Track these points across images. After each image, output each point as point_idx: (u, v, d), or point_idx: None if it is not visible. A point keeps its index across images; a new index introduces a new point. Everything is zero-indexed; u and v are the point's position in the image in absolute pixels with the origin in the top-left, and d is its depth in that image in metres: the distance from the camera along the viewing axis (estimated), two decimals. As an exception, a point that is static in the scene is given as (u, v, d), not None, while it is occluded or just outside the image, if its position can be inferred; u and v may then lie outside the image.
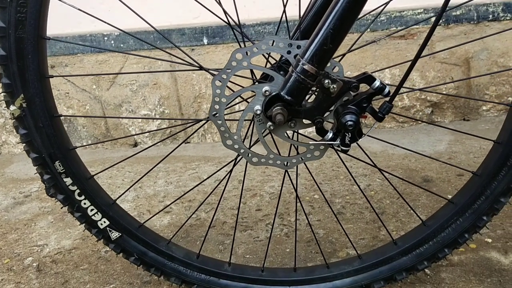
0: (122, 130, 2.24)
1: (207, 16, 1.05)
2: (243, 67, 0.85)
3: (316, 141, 0.89)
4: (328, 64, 0.81)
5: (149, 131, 2.01)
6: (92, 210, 1.00)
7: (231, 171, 1.06)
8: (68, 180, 0.97)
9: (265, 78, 0.92)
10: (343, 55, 0.99)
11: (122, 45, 2.09)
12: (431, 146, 1.96)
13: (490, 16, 2.00)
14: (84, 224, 1.02)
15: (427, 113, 2.17)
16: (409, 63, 0.83)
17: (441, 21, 2.01)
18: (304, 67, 0.78)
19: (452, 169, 1.71)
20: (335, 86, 0.81)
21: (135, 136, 2.25)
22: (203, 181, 1.15)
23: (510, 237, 1.27)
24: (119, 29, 1.03)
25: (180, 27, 2.09)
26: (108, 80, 2.16)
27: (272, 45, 0.83)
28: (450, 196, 1.04)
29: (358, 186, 1.07)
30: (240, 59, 0.85)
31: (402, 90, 0.87)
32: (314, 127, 0.86)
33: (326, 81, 0.80)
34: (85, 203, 0.99)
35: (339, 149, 0.86)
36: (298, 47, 0.82)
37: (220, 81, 0.87)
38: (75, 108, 2.20)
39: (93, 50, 2.10)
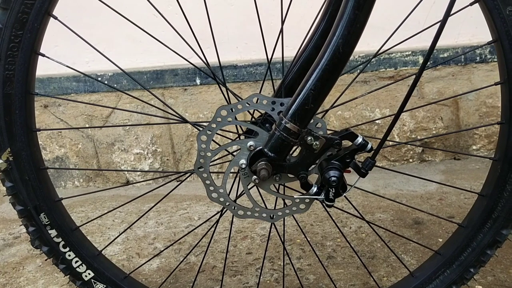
0: (114, 168, 2.24)
1: (200, 57, 1.06)
2: (228, 123, 0.87)
3: (301, 194, 0.90)
4: (311, 121, 0.82)
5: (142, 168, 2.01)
6: (76, 262, 0.99)
7: (217, 221, 1.05)
8: (53, 232, 0.97)
9: (251, 131, 0.93)
10: (326, 110, 1.01)
11: (115, 85, 2.11)
12: (422, 186, 1.97)
13: (478, 58, 2.04)
14: (68, 276, 1.01)
15: (418, 152, 2.18)
16: (394, 116, 0.84)
17: (429, 62, 2.05)
18: (287, 125, 0.79)
19: (443, 211, 1.71)
20: (317, 143, 0.82)
21: (127, 175, 2.25)
22: (193, 229, 1.15)
23: (501, 284, 1.26)
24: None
25: (173, 68, 2.12)
26: (101, 119, 2.18)
27: (256, 102, 0.84)
28: (440, 240, 1.04)
29: (345, 238, 1.06)
30: (225, 115, 0.86)
31: (386, 143, 0.88)
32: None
33: (309, 138, 0.81)
34: (69, 255, 0.98)
35: (324, 203, 0.87)
36: (282, 104, 0.84)
37: (205, 136, 0.88)
38: (67, 147, 2.21)
39: (87, 89, 2.12)
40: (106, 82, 2.11)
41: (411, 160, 2.20)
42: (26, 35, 0.83)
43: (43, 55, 0.88)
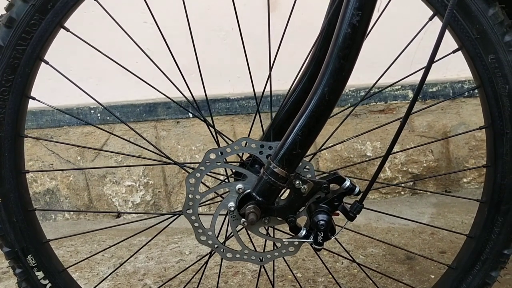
0: (105, 201, 2.22)
1: (192, 91, 1.08)
2: (216, 166, 0.87)
3: (290, 236, 0.90)
4: (300, 164, 0.83)
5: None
6: (63, 305, 0.98)
7: (206, 263, 1.05)
8: (40, 274, 0.96)
9: (240, 174, 0.94)
10: (314, 153, 1.02)
11: (108, 118, 2.12)
12: (414, 219, 1.97)
13: (466, 92, 2.08)
14: (54, 320, 0.99)
15: (409, 185, 2.19)
16: (383, 158, 0.85)
17: (419, 97, 2.08)
18: (275, 170, 0.80)
19: (435, 246, 1.70)
20: (306, 187, 0.82)
21: (118, 207, 2.23)
22: (184, 270, 1.14)
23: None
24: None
25: (166, 101, 2.13)
26: (93, 151, 2.18)
27: (245, 146, 0.85)
28: (433, 276, 1.03)
29: (334, 279, 1.06)
30: (214, 159, 0.87)
31: (375, 185, 0.89)
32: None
33: (297, 182, 0.82)
34: (56, 298, 0.97)
35: (313, 246, 0.87)
36: (270, 148, 0.84)
37: (194, 179, 0.88)
38: (59, 179, 2.20)
39: (79, 122, 2.12)
40: (98, 115, 2.12)
41: (402, 193, 2.21)
42: (17, 80, 0.84)
43: (34, 99, 0.89)
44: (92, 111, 2.12)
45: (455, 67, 2.10)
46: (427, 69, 0.80)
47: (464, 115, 2.10)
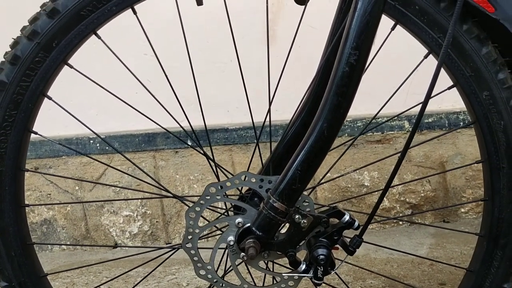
0: (102, 231, 2.21)
1: (191, 121, 1.09)
2: (216, 200, 0.88)
3: (290, 270, 0.89)
4: (299, 198, 0.84)
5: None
6: None
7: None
8: (37, 309, 0.94)
9: (240, 207, 0.94)
10: (314, 187, 1.02)
11: (107, 148, 2.13)
12: (412, 250, 1.96)
13: (461, 123, 2.10)
14: None
15: (408, 214, 2.19)
16: (382, 191, 0.86)
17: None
18: (274, 204, 0.80)
19: (434, 277, 1.69)
20: (305, 221, 0.83)
21: (115, 238, 2.22)
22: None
23: None
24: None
25: (165, 131, 2.15)
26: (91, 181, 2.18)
27: (245, 179, 0.86)
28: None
29: (335, 311, 1.05)
30: (214, 192, 0.87)
31: (374, 219, 0.89)
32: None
33: (297, 216, 0.82)
34: (52, 334, 0.95)
35: (313, 281, 0.86)
36: (269, 182, 0.85)
37: (193, 213, 0.88)
38: (56, 209, 2.19)
39: (78, 153, 2.13)
40: (98, 145, 2.13)
41: (401, 223, 2.20)
42: (20, 115, 0.86)
43: (36, 133, 0.90)
44: (91, 141, 2.13)
45: (450, 99, 2.12)
46: (424, 104, 0.82)
47: (460, 146, 2.12)
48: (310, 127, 0.78)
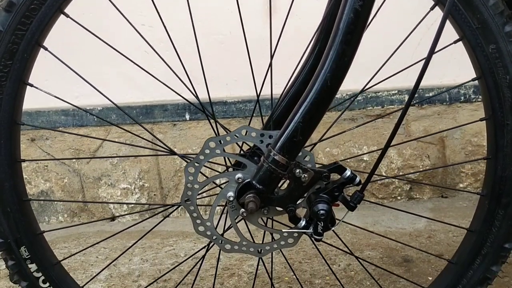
0: (100, 204, 2.20)
1: (189, 93, 1.07)
2: (216, 155, 0.86)
3: (289, 228, 0.89)
4: (300, 153, 0.82)
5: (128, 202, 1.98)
6: (56, 298, 0.95)
7: (203, 257, 1.03)
8: (33, 266, 0.93)
9: (239, 164, 0.93)
10: (315, 144, 1.01)
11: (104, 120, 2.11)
12: (410, 223, 1.96)
13: (462, 97, 2.09)
14: (47, 314, 0.96)
15: (406, 190, 2.19)
16: (382, 151, 0.85)
17: (415, 101, 2.08)
18: (275, 157, 0.79)
19: (432, 249, 1.69)
20: (306, 175, 0.81)
21: (113, 210, 2.21)
22: (178, 264, 1.12)
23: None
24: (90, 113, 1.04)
25: (163, 103, 2.13)
26: (88, 153, 2.16)
27: (245, 134, 0.84)
28: (430, 278, 1.03)
29: (335, 275, 1.04)
30: (214, 147, 0.86)
31: (374, 177, 0.88)
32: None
33: (297, 171, 0.81)
34: (49, 291, 0.95)
35: (313, 237, 0.85)
36: (270, 136, 0.84)
37: (193, 168, 0.87)
38: (53, 181, 2.17)
39: (75, 123, 2.11)
40: (95, 117, 2.11)
41: (399, 198, 2.20)
42: (15, 65, 0.83)
43: (31, 85, 0.88)
44: (89, 113, 2.10)
45: (451, 73, 2.11)
46: (428, 59, 0.80)
47: (461, 120, 2.10)
48: (312, 78, 0.76)
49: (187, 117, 2.13)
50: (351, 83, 1.22)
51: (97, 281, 1.63)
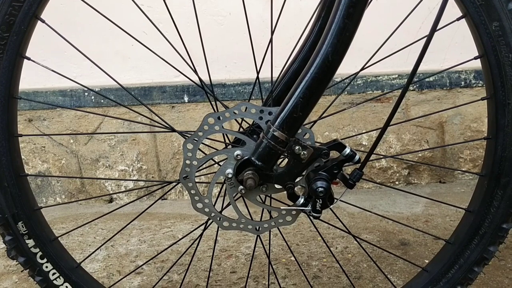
0: (97, 185, 2.20)
1: (189, 74, 1.06)
2: (215, 131, 0.85)
3: (287, 206, 0.88)
4: (299, 131, 0.82)
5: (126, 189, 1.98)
6: (54, 274, 0.96)
7: (201, 235, 1.03)
8: (30, 242, 0.93)
9: (238, 141, 0.92)
10: (314, 121, 1.00)
11: (102, 101, 2.09)
12: (408, 208, 1.97)
13: (462, 82, 2.08)
14: (44, 289, 0.97)
15: (404, 175, 2.19)
16: (381, 130, 0.84)
17: (415, 86, 2.07)
18: (275, 133, 0.78)
19: (429, 232, 1.70)
20: (305, 152, 0.81)
21: (110, 192, 2.21)
22: (174, 242, 1.12)
23: (487, 306, 1.25)
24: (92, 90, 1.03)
25: (161, 85, 2.11)
26: (86, 134, 2.15)
27: (245, 110, 0.84)
28: (426, 261, 1.03)
29: (333, 255, 1.05)
30: (212, 123, 0.85)
31: (373, 157, 0.88)
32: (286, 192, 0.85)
33: (297, 147, 0.80)
34: (47, 267, 0.95)
35: (311, 215, 0.85)
36: (270, 113, 0.83)
37: (191, 144, 0.86)
38: (50, 162, 2.16)
39: (73, 104, 2.10)
40: (93, 97, 2.09)
41: (397, 183, 2.20)
42: (12, 38, 0.82)
43: (29, 59, 0.87)
44: (86, 94, 2.09)
45: (452, 58, 2.10)
46: (430, 37, 0.79)
47: (461, 106, 2.10)
48: (314, 53, 0.75)
49: (186, 99, 2.11)
50: (351, 68, 1.21)
51: (94, 261, 1.63)
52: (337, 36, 0.72)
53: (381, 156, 2.06)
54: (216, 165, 0.93)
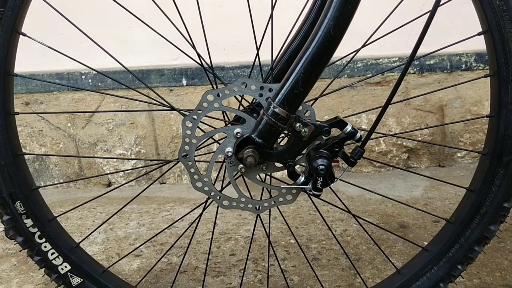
0: (96, 169, 2.19)
1: (186, 57, 1.04)
2: (214, 109, 0.84)
3: (287, 184, 0.87)
4: (300, 108, 0.80)
5: (123, 171, 1.97)
6: (53, 254, 0.95)
7: (201, 214, 1.02)
8: (28, 222, 0.93)
9: (238, 120, 0.91)
10: (315, 99, 0.99)
11: (99, 84, 2.08)
12: (407, 191, 1.96)
13: (463, 65, 2.06)
14: (43, 269, 0.96)
15: (404, 159, 2.18)
16: (382, 107, 0.83)
17: (416, 69, 2.06)
18: (275, 110, 0.77)
19: (428, 216, 1.70)
20: (306, 130, 0.80)
21: (109, 176, 2.20)
22: (173, 223, 1.11)
23: (487, 287, 1.25)
24: (94, 69, 1.02)
25: (159, 68, 2.09)
26: (84, 118, 2.13)
27: (245, 87, 0.82)
28: (426, 243, 1.02)
29: (334, 236, 1.04)
30: (212, 101, 0.84)
31: (374, 135, 0.87)
32: (286, 170, 0.85)
33: (298, 124, 0.79)
34: (45, 246, 0.94)
35: (311, 193, 0.84)
36: (270, 90, 0.82)
37: (190, 122, 0.85)
38: (48, 146, 2.15)
39: (70, 88, 2.08)
40: (90, 80, 2.07)
41: (396, 166, 2.20)
42: (7, 13, 0.80)
43: (24, 35, 0.85)
44: (83, 77, 2.07)
45: (453, 41, 2.07)
46: (432, 13, 0.78)
47: (461, 89, 2.08)
48: (315, 28, 0.73)
49: (184, 82, 2.10)
50: (351, 50, 1.20)
51: (93, 244, 1.63)
52: (339, 9, 0.70)
53: (382, 135, 2.05)
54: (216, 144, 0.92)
